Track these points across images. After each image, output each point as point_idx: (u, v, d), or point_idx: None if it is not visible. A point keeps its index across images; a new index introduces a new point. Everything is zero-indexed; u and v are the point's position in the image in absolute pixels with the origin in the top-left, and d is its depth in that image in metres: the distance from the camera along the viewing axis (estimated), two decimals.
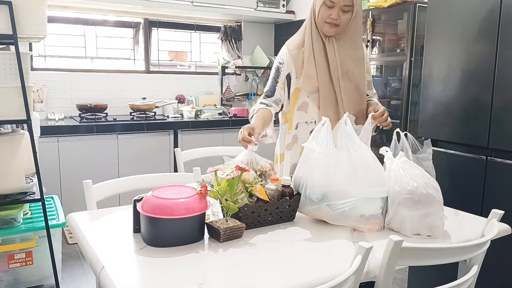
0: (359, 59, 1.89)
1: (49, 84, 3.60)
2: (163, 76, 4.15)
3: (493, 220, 1.31)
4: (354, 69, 1.86)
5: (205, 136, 3.73)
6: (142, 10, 3.86)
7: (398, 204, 1.36)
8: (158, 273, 1.08)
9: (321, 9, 1.79)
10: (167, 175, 1.96)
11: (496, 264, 2.00)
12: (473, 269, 1.23)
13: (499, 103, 2.02)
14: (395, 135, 1.61)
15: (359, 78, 1.88)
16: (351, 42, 1.86)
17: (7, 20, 1.95)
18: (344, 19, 1.78)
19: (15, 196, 2.16)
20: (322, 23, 1.80)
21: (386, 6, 3.05)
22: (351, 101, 1.86)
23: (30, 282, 2.38)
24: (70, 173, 3.19)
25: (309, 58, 1.85)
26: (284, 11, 4.33)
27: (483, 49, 2.07)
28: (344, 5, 1.76)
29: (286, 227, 1.42)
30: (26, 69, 2.03)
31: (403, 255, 1.05)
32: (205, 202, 1.31)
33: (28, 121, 2.06)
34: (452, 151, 2.24)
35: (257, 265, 1.14)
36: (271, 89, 1.95)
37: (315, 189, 1.42)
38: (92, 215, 1.51)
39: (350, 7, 1.77)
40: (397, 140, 1.59)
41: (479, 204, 2.12)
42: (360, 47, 1.90)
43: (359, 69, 1.89)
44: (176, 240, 1.24)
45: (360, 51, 1.90)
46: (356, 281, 1.00)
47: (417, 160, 1.55)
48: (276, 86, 1.94)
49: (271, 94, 1.95)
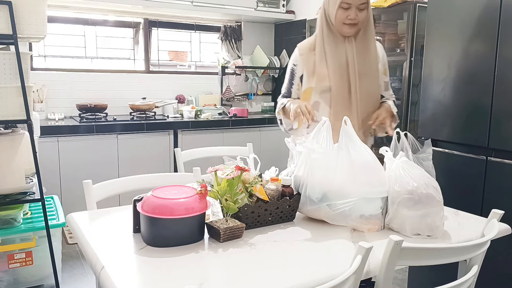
0: (373, 59, 1.89)
1: (49, 84, 3.60)
2: (163, 76, 4.15)
3: (493, 220, 1.31)
4: (368, 69, 1.87)
5: (205, 136, 3.73)
6: (142, 10, 3.86)
7: (398, 204, 1.36)
8: (158, 273, 1.08)
9: (337, 13, 1.80)
10: (167, 175, 1.96)
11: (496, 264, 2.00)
12: (473, 269, 1.23)
13: (499, 103, 2.02)
14: (395, 135, 1.61)
15: (373, 78, 1.89)
16: (365, 42, 1.87)
17: (7, 20, 1.95)
18: (361, 17, 1.81)
19: (15, 196, 2.15)
20: (340, 25, 1.82)
21: (386, 6, 3.04)
22: (363, 101, 1.86)
23: (30, 282, 2.38)
24: (70, 173, 3.19)
25: (321, 59, 1.87)
26: (284, 11, 4.33)
27: (483, 49, 2.07)
28: (360, 3, 1.78)
29: (286, 227, 1.42)
30: (26, 69, 2.03)
31: (403, 255, 1.05)
32: (205, 202, 1.30)
33: (28, 121, 2.06)
34: (452, 151, 2.24)
35: (257, 265, 1.14)
36: (288, 91, 2.03)
37: (315, 189, 1.42)
38: (92, 215, 1.51)
39: (365, 5, 1.80)
40: (397, 140, 1.59)
41: (479, 204, 2.12)
42: (373, 47, 1.90)
43: (373, 69, 1.89)
44: (176, 240, 1.24)
45: (374, 51, 1.90)
46: (356, 281, 1.00)
47: (417, 160, 1.55)
48: (292, 88, 2.01)
49: (288, 95, 2.03)
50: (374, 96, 1.91)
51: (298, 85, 1.98)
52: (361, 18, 1.81)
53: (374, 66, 1.90)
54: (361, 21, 1.81)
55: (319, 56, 1.88)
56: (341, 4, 1.79)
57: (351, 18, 1.79)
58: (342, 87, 1.85)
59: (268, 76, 4.66)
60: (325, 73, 1.86)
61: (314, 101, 1.91)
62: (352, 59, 1.84)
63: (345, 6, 1.79)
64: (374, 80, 1.90)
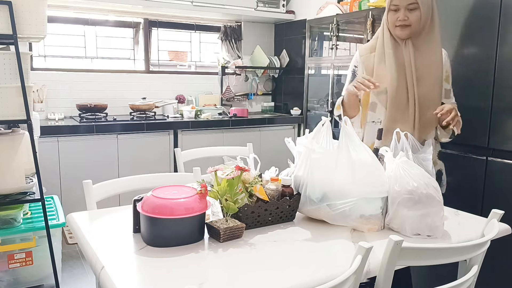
0: (435, 63, 1.83)
1: (49, 84, 3.59)
2: (163, 76, 4.15)
3: (493, 220, 1.31)
4: (428, 74, 1.81)
5: (205, 136, 3.73)
6: (142, 10, 3.86)
7: (398, 204, 1.36)
8: (158, 273, 1.08)
9: (388, 16, 1.82)
10: (167, 175, 1.96)
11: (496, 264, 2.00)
12: (473, 269, 1.23)
13: (499, 103, 2.02)
14: (395, 135, 1.61)
15: (432, 83, 1.82)
16: (426, 45, 1.82)
17: (7, 20, 1.95)
18: (412, 18, 1.76)
19: (15, 196, 2.15)
20: (393, 27, 1.81)
21: None
22: (420, 106, 1.81)
23: (30, 282, 2.38)
24: (70, 173, 3.19)
25: (380, 60, 1.86)
26: (284, 11, 4.33)
27: (483, 49, 2.07)
28: (408, 3, 1.75)
29: (286, 227, 1.42)
30: (26, 69, 2.03)
31: (403, 255, 1.05)
32: (205, 202, 1.31)
33: (28, 121, 2.06)
34: (452, 151, 2.24)
35: (257, 265, 1.14)
36: None
37: (315, 189, 1.42)
38: (92, 215, 1.51)
39: (415, 5, 1.76)
40: (397, 140, 1.59)
41: (479, 204, 2.12)
42: (436, 51, 1.83)
43: (434, 74, 1.83)
44: (176, 240, 1.24)
45: (437, 56, 1.83)
46: (356, 281, 1.01)
47: (417, 160, 1.55)
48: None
49: None
50: (433, 102, 1.82)
51: None
52: (413, 19, 1.76)
53: (434, 70, 1.82)
54: (414, 22, 1.76)
55: (378, 57, 1.87)
56: (390, 6, 1.79)
57: (400, 20, 1.77)
58: (399, 90, 1.81)
59: (268, 76, 4.66)
60: (383, 74, 1.84)
61: (371, 102, 1.90)
62: (409, 62, 1.81)
63: (394, 8, 1.79)
64: (434, 85, 1.83)
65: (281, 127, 4.16)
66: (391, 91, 1.82)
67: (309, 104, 4.07)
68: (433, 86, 1.82)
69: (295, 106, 4.29)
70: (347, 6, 3.51)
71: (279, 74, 4.62)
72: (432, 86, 1.82)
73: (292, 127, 4.23)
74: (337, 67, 3.64)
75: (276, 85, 4.71)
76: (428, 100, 1.81)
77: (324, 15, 3.72)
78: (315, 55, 3.97)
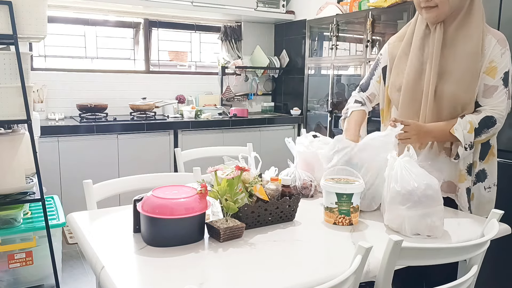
0: (469, 53, 1.53)
1: (49, 84, 3.60)
2: (163, 76, 4.15)
3: (493, 220, 1.31)
4: (456, 67, 1.54)
5: (205, 136, 3.73)
6: (142, 10, 3.86)
7: (398, 204, 1.36)
8: (158, 273, 1.08)
9: None
10: (167, 175, 1.96)
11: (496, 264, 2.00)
12: (473, 269, 1.23)
13: None
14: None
15: (459, 78, 1.54)
16: (462, 31, 1.54)
17: (7, 20, 1.95)
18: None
19: (15, 196, 2.16)
20: (420, 10, 1.59)
21: (386, 6, 3.05)
22: (439, 105, 1.57)
23: (30, 282, 2.38)
24: (70, 173, 3.19)
25: (403, 53, 1.67)
26: (284, 11, 4.33)
27: None
28: None
29: (286, 227, 1.42)
30: (26, 69, 2.03)
31: (403, 255, 1.05)
32: (205, 202, 1.31)
33: (28, 121, 2.06)
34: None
35: (257, 265, 1.14)
36: (366, 82, 1.87)
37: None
38: (92, 215, 1.51)
39: None
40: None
41: None
42: (473, 38, 1.53)
43: (465, 67, 1.53)
44: (176, 240, 1.24)
45: (473, 43, 1.52)
46: (356, 281, 1.00)
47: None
48: (371, 79, 1.84)
49: (365, 88, 1.87)
50: (456, 101, 1.55)
51: (379, 77, 1.80)
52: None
53: (465, 62, 1.53)
54: (441, 2, 1.50)
55: (403, 48, 1.68)
56: None
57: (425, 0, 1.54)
58: (414, 86, 1.61)
59: (268, 76, 4.66)
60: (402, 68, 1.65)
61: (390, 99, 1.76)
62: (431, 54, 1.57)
63: None
64: (461, 81, 1.53)
65: (281, 127, 4.17)
66: (404, 87, 1.64)
67: (309, 104, 4.07)
68: (461, 81, 1.53)
69: (295, 106, 4.30)
70: (347, 6, 3.52)
71: (279, 74, 4.62)
72: (458, 82, 1.54)
73: (292, 127, 4.23)
74: (337, 67, 3.65)
75: (276, 85, 4.71)
76: (450, 99, 1.55)
77: (324, 15, 3.72)
78: (315, 55, 3.97)
